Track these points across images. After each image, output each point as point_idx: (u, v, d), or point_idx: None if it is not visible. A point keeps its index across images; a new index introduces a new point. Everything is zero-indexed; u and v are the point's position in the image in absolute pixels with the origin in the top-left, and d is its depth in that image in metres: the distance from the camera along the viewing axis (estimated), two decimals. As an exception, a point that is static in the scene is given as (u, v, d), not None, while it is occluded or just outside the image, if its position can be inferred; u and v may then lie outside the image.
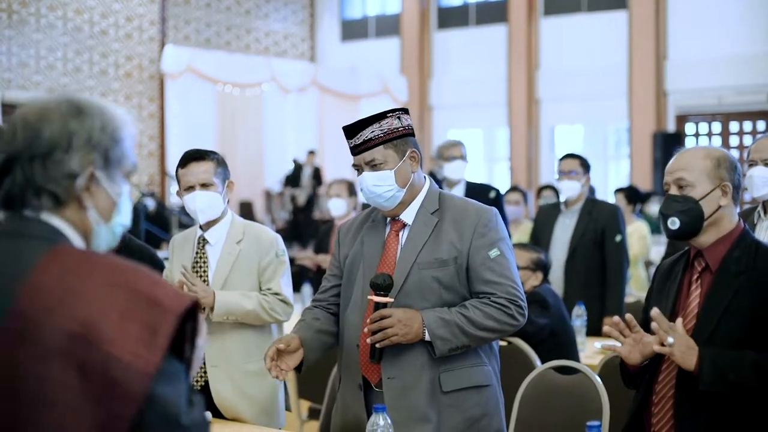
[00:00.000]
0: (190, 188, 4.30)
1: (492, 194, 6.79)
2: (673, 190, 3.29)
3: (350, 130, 3.51)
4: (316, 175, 19.51)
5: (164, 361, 1.72)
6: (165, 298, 1.74)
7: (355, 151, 3.51)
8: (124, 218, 1.96)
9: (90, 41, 18.65)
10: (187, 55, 19.04)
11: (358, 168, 3.54)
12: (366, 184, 3.49)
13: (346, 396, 3.61)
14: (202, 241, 4.40)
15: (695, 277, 3.30)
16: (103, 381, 1.69)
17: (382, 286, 3.41)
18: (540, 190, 10.93)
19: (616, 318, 3.25)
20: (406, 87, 21.69)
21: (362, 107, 21.54)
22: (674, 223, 3.24)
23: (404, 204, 3.54)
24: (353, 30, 23.29)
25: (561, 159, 7.04)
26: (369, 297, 3.45)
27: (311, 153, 19.66)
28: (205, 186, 4.28)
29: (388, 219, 3.60)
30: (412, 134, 3.57)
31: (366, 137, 3.47)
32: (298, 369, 3.55)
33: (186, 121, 19.03)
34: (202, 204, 4.29)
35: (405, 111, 3.57)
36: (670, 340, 3.08)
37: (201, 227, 4.42)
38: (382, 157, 3.48)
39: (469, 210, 3.51)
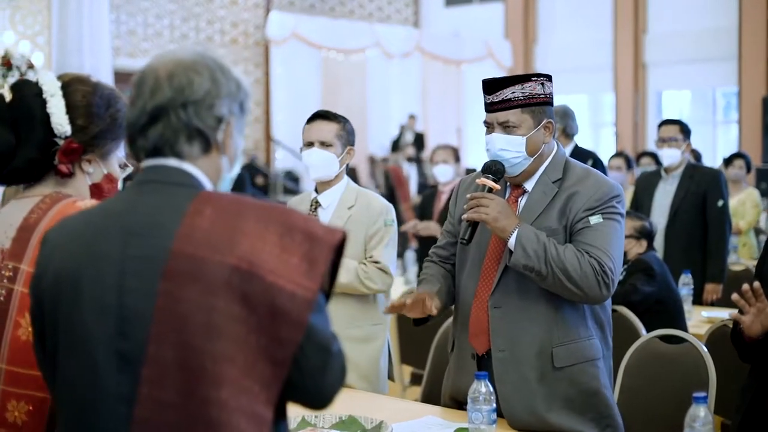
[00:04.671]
0: (310, 144, 4.36)
1: (589, 162, 6.69)
2: None
3: (490, 86, 3.37)
4: (418, 140, 19.48)
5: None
6: (319, 231, 1.88)
7: (490, 108, 3.38)
8: (235, 170, 2.08)
9: (196, 8, 18.87)
10: (292, 22, 19.15)
11: (489, 126, 3.41)
12: (494, 145, 3.37)
13: (459, 362, 3.56)
14: (315, 204, 4.44)
15: None
16: (267, 310, 1.82)
17: (492, 170, 3.37)
18: (639, 156, 10.77)
19: (746, 285, 3.11)
20: (511, 52, 21.50)
21: (466, 72, 21.43)
22: None
23: (528, 173, 3.43)
24: (457, -6, 23.16)
25: (660, 125, 6.96)
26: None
27: (411, 117, 19.65)
28: (323, 144, 4.34)
29: (508, 182, 3.50)
30: (552, 103, 3.43)
31: (505, 96, 3.34)
32: (424, 321, 3.53)
33: (291, 87, 19.16)
34: (315, 160, 4.35)
35: (549, 78, 3.42)
36: None
37: (316, 190, 4.46)
38: (517, 120, 3.34)
39: (589, 180, 3.38)
